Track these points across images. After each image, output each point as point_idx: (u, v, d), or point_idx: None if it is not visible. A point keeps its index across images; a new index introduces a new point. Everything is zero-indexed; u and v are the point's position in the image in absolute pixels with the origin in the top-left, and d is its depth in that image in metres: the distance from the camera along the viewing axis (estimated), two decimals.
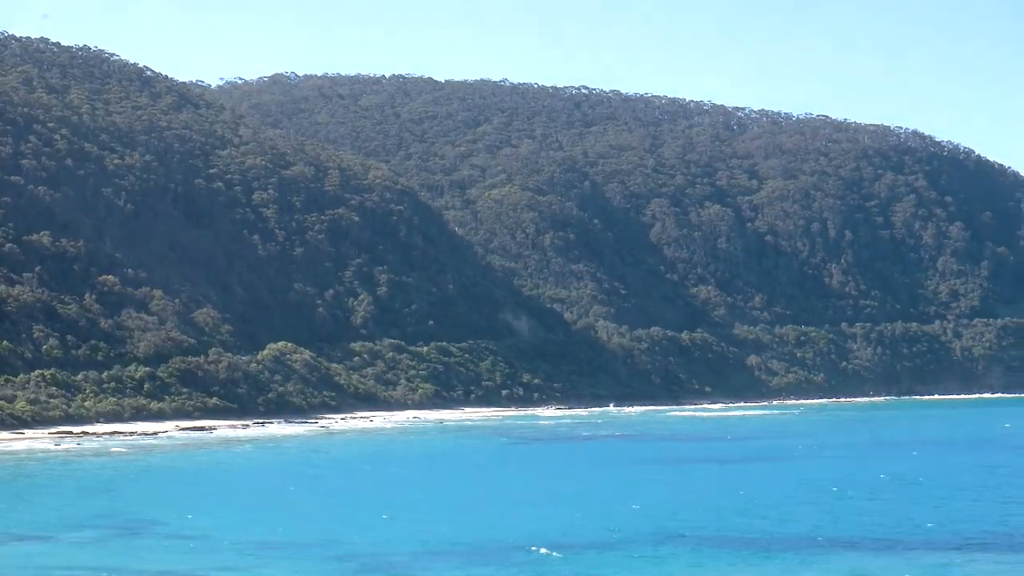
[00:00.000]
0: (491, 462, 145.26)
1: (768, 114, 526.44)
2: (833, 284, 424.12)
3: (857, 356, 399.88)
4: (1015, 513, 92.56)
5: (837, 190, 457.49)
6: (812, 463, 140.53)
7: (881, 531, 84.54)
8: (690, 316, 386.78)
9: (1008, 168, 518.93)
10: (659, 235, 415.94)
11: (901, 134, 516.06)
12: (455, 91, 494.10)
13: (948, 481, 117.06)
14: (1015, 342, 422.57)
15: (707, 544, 79.64)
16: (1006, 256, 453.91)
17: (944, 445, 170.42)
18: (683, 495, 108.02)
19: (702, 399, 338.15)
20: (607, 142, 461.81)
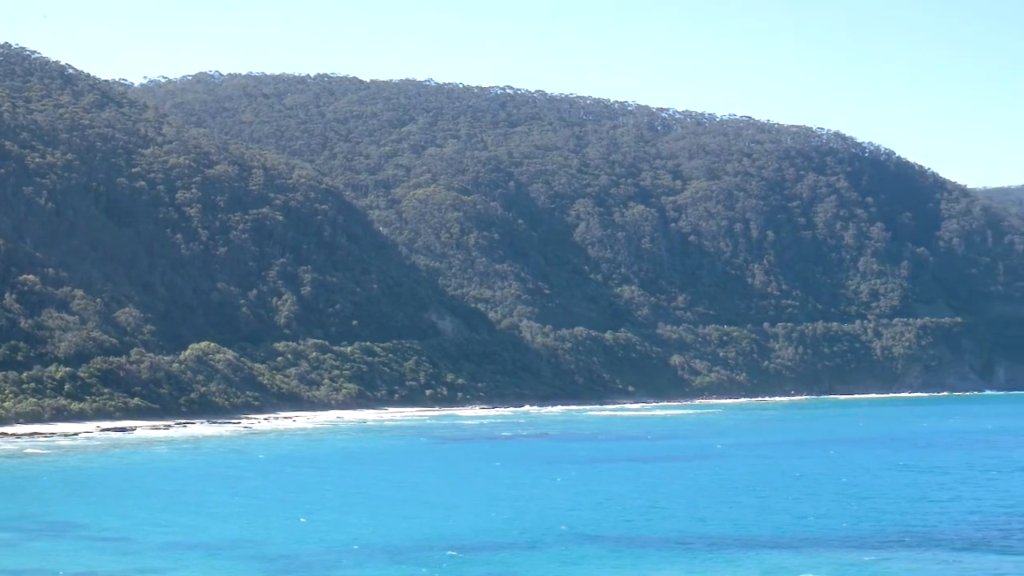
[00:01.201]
0: (411, 462, 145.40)
1: (692, 115, 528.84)
2: (755, 284, 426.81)
3: (779, 356, 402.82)
4: (930, 511, 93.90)
5: (760, 191, 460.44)
6: (731, 462, 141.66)
7: (799, 529, 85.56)
8: (614, 316, 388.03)
9: (928, 169, 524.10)
10: (583, 235, 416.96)
11: (823, 135, 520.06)
12: (380, 91, 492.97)
13: (865, 480, 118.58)
14: (934, 342, 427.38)
15: (622, 543, 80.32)
16: (925, 256, 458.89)
17: (862, 444, 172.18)
18: (600, 495, 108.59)
19: (626, 399, 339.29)
20: (532, 142, 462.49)
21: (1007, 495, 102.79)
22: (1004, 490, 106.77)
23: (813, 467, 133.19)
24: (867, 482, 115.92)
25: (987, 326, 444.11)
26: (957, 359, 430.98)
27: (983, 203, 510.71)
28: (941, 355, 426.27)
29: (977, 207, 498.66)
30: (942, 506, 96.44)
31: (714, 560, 74.01)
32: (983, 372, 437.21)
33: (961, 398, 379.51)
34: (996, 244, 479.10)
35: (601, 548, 78.57)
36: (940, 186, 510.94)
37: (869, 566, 71.26)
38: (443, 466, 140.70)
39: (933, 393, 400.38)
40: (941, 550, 76.03)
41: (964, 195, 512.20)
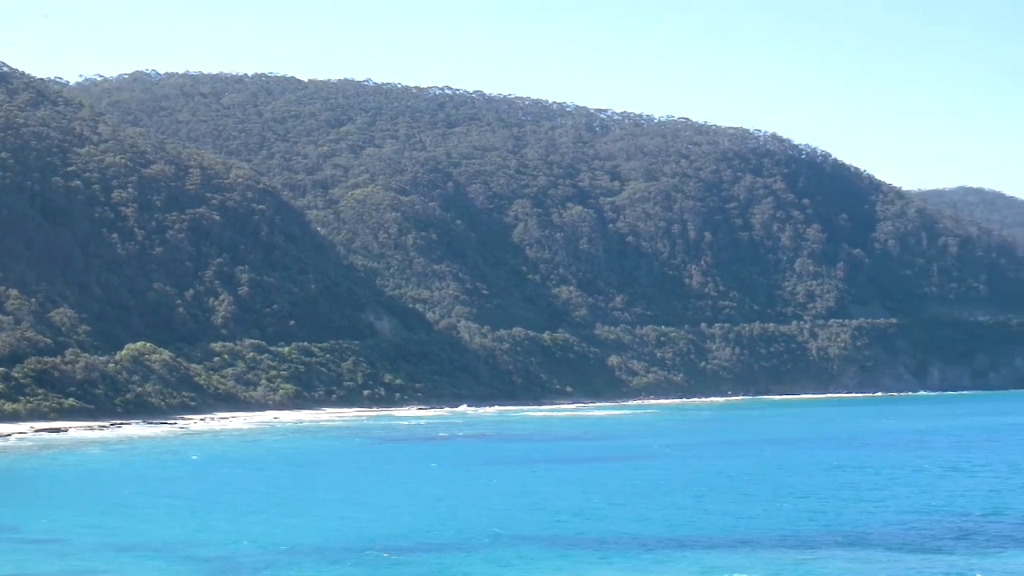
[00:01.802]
0: (346, 463, 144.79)
1: (630, 116, 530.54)
2: (693, 285, 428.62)
3: (716, 356, 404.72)
4: (864, 511, 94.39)
5: (697, 192, 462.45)
6: (667, 462, 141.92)
7: (734, 529, 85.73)
8: (551, 316, 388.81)
9: (863, 171, 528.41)
10: (521, 236, 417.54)
11: (760, 137, 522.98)
12: (318, 90, 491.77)
13: (800, 480, 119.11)
14: (869, 343, 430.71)
15: (558, 544, 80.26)
16: (861, 258, 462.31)
17: (798, 444, 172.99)
18: (535, 495, 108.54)
19: (563, 399, 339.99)
20: (470, 143, 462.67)
21: (940, 495, 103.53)
22: (936, 490, 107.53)
23: (749, 467, 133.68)
24: (802, 482, 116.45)
25: (921, 327, 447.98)
26: (892, 360, 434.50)
27: (918, 205, 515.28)
28: (876, 356, 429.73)
29: (912, 209, 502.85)
30: (876, 506, 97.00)
31: (650, 560, 74.06)
32: (917, 373, 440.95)
33: (896, 399, 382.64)
34: (930, 246, 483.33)
35: (537, 549, 78.47)
36: (876, 188, 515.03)
37: (805, 566, 71.53)
38: (378, 467, 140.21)
39: (868, 394, 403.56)
40: (876, 550, 76.44)
41: (899, 197, 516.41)
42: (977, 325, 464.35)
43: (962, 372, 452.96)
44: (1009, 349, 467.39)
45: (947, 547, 76.92)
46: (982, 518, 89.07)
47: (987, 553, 74.52)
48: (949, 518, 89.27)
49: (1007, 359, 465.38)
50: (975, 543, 78.22)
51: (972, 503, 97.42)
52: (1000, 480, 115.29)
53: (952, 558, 73.11)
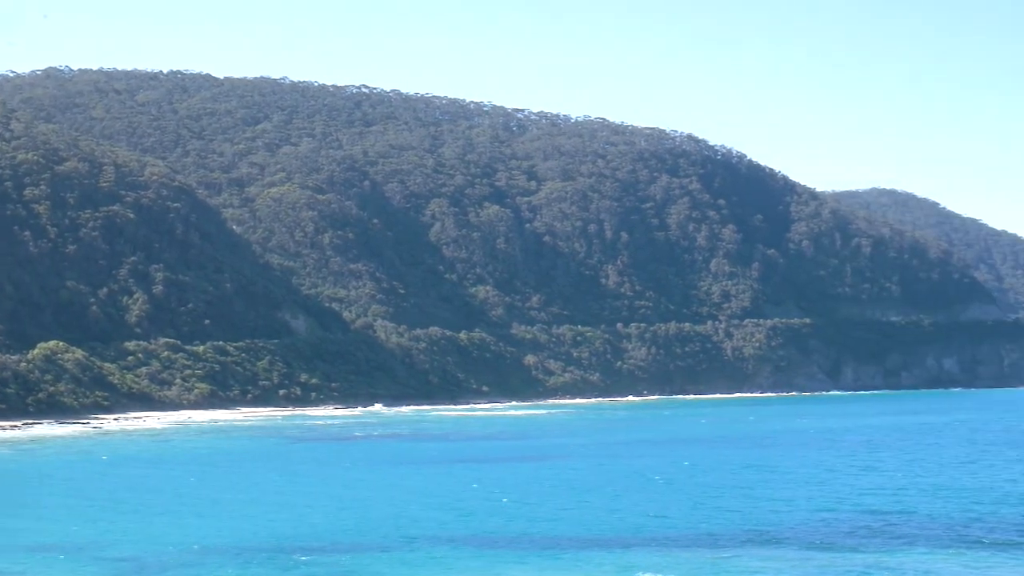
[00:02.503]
0: (259, 463, 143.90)
1: (547, 116, 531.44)
2: (609, 285, 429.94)
3: (632, 356, 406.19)
4: (778, 509, 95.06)
5: (614, 192, 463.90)
6: (583, 462, 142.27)
7: (650, 528, 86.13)
8: (468, 316, 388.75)
9: (778, 172, 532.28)
10: (438, 235, 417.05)
11: (676, 138, 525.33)
12: (234, 88, 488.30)
13: (715, 479, 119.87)
14: (783, 343, 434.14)
15: (474, 544, 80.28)
16: (776, 258, 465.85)
17: (712, 443, 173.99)
18: (451, 495, 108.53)
19: (480, 399, 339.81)
20: (387, 141, 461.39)
21: (851, 494, 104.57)
22: (848, 489, 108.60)
23: (664, 466, 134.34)
24: (716, 481, 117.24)
25: (835, 327, 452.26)
26: (806, 360, 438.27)
27: (832, 206, 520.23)
28: (790, 356, 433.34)
29: (826, 210, 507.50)
30: (789, 504, 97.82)
31: (566, 560, 74.28)
32: (831, 372, 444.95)
33: (809, 398, 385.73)
34: (844, 246, 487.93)
35: (451, 549, 78.52)
36: (790, 189, 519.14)
37: (720, 564, 72.03)
38: (291, 467, 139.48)
39: (782, 393, 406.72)
40: (789, 548, 77.09)
41: (813, 198, 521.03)
42: (889, 325, 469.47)
43: (875, 372, 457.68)
44: (921, 349, 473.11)
45: (858, 545, 77.75)
46: (892, 516, 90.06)
47: (896, 551, 75.38)
48: (860, 516, 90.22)
49: (919, 359, 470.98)
50: (885, 541, 79.12)
51: (882, 502, 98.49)
52: (910, 479, 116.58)
53: (862, 556, 73.91)
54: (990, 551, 74.40)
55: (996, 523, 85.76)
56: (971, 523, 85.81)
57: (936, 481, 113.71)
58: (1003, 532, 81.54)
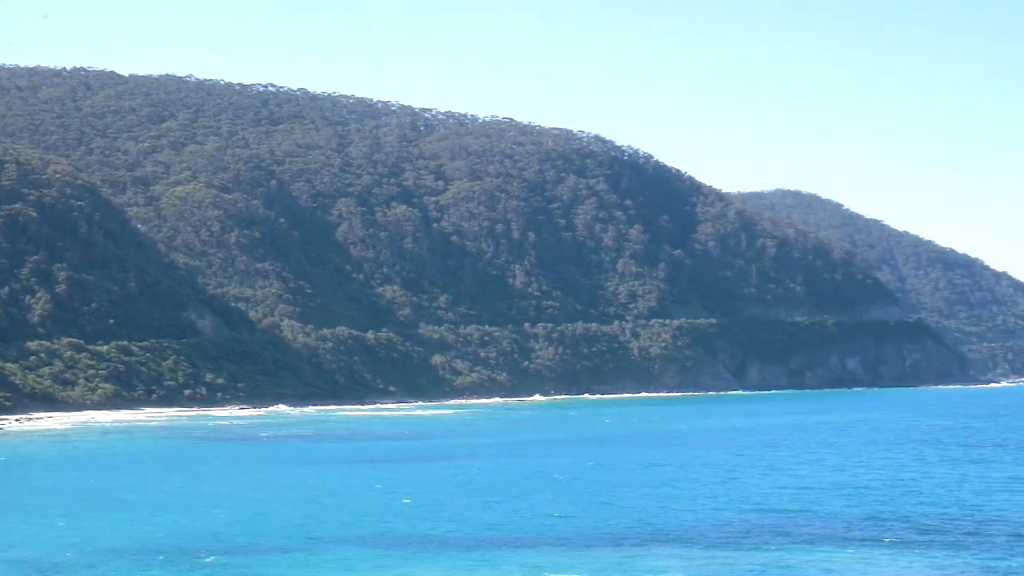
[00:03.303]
0: (159, 464, 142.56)
1: (454, 116, 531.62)
2: (516, 285, 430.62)
3: (539, 356, 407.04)
4: (685, 508, 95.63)
5: (521, 192, 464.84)
6: (490, 461, 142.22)
7: (557, 528, 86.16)
8: (375, 316, 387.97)
9: (684, 173, 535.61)
10: (345, 234, 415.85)
11: (583, 138, 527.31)
12: (139, 85, 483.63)
13: (621, 478, 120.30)
14: (689, 342, 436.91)
15: (380, 544, 80.00)
16: (682, 259, 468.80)
17: (619, 443, 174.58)
18: (357, 495, 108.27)
19: (387, 398, 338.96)
20: (294, 140, 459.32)
21: (755, 492, 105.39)
22: (752, 487, 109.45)
23: (569, 466, 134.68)
24: (622, 480, 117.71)
25: (740, 327, 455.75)
26: (711, 359, 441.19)
27: (737, 207, 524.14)
28: (696, 355, 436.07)
29: (732, 211, 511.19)
30: (695, 503, 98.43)
31: (472, 560, 74.21)
32: (736, 372, 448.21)
33: (715, 397, 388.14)
34: (749, 247, 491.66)
35: (359, 549, 78.29)
36: (696, 190, 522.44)
37: (627, 564, 72.27)
38: (195, 468, 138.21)
39: (688, 393, 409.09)
40: (695, 547, 77.52)
41: (719, 199, 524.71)
42: (794, 325, 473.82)
43: (779, 371, 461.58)
44: (825, 349, 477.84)
45: (762, 543, 78.36)
46: (795, 515, 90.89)
47: (799, 549, 76.08)
48: (764, 515, 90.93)
49: (822, 359, 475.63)
50: (788, 539, 79.82)
51: (786, 501, 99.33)
52: (813, 478, 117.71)
53: (766, 554, 74.52)
54: (892, 549, 75.32)
55: (897, 521, 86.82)
56: (873, 521, 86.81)
57: (838, 480, 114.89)
58: (904, 531, 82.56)
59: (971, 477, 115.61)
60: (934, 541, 77.78)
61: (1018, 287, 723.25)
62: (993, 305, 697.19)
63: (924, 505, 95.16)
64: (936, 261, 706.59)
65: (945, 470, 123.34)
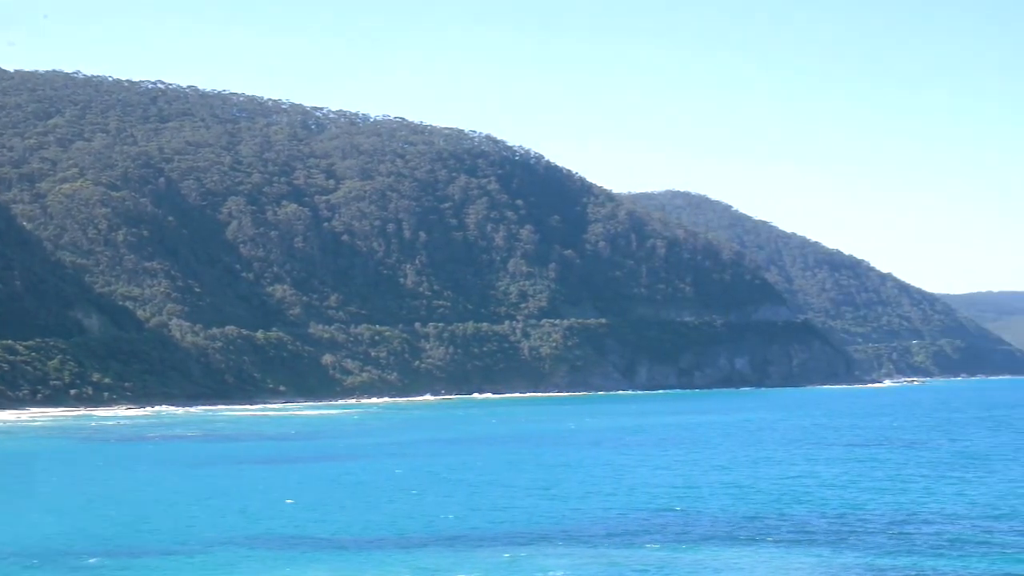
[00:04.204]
0: (44, 464, 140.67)
1: (346, 115, 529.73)
2: (407, 284, 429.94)
3: (430, 355, 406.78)
4: (574, 507, 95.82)
5: (412, 191, 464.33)
6: (380, 461, 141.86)
7: (449, 527, 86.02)
8: (265, 315, 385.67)
9: (575, 174, 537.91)
10: (235, 233, 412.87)
11: (475, 138, 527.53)
12: (24, 81, 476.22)
13: (513, 477, 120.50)
14: (580, 342, 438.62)
15: (272, 545, 79.34)
16: (573, 259, 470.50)
17: (509, 442, 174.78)
18: (247, 496, 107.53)
19: (276, 398, 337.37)
20: (183, 138, 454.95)
21: (644, 491, 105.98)
22: (642, 486, 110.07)
23: (458, 465, 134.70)
24: (512, 480, 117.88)
25: (630, 327, 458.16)
26: (601, 359, 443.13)
27: (628, 207, 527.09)
28: (586, 355, 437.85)
29: (622, 211, 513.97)
30: (584, 502, 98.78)
31: (361, 561, 73.86)
32: (626, 372, 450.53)
33: (605, 397, 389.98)
34: (639, 247, 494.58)
35: (243, 551, 77.54)
36: (587, 190, 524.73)
37: (516, 563, 72.32)
38: (79, 469, 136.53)
39: (578, 392, 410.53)
40: (585, 545, 77.73)
41: (610, 199, 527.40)
42: (683, 325, 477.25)
43: (669, 371, 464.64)
44: (713, 349, 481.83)
45: (651, 541, 78.80)
46: (684, 514, 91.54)
47: (688, 547, 76.61)
48: (653, 514, 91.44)
49: (711, 359, 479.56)
50: (677, 538, 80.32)
51: (675, 500, 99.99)
52: (701, 477, 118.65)
53: (656, 553, 74.93)
54: (778, 548, 76.04)
55: (783, 520, 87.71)
56: (759, 520, 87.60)
57: (726, 479, 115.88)
58: (790, 529, 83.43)
59: (855, 476, 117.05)
60: (819, 539, 78.66)
61: (903, 288, 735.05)
62: (878, 306, 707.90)
63: (809, 504, 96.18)
64: (823, 262, 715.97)
65: (830, 469, 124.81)
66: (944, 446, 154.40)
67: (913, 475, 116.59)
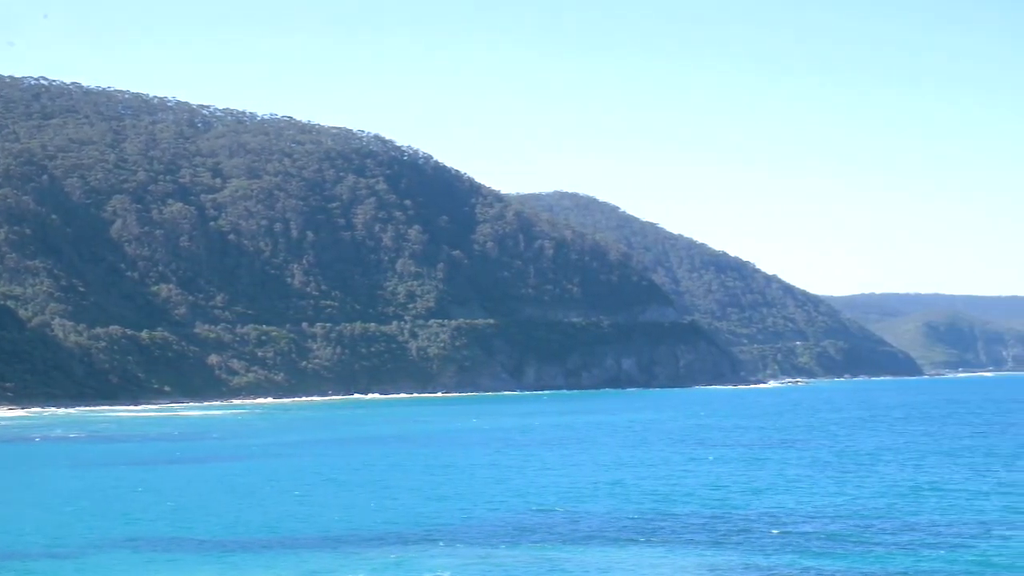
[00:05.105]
0: None
1: (232, 113, 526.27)
2: (295, 284, 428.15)
3: (317, 356, 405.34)
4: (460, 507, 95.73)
5: (300, 191, 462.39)
6: (267, 462, 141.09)
7: (337, 529, 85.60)
8: (150, 315, 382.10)
9: (464, 174, 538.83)
10: (120, 232, 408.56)
11: (363, 138, 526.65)
12: None
13: (400, 478, 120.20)
14: (468, 343, 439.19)
15: (156, 547, 78.47)
16: (461, 259, 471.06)
17: (397, 442, 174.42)
18: (130, 498, 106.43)
19: (162, 399, 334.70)
20: (67, 135, 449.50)
21: (532, 492, 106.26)
22: (529, 487, 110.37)
23: (347, 466, 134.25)
24: (398, 481, 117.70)
25: (518, 328, 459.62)
26: (489, 360, 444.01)
27: (516, 208, 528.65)
28: (474, 356, 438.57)
29: (510, 212, 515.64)
30: (473, 503, 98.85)
31: (251, 562, 73.25)
32: (514, 372, 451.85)
33: (492, 397, 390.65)
34: (527, 248, 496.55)
35: (132, 553, 76.67)
36: (476, 191, 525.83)
37: (404, 563, 72.17)
38: None
39: (466, 393, 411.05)
40: (473, 546, 77.67)
41: (498, 200, 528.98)
42: (571, 326, 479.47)
43: (556, 372, 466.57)
44: (601, 350, 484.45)
45: (539, 541, 78.98)
46: (571, 514, 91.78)
47: (576, 548, 76.82)
48: (540, 514, 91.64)
49: (598, 359, 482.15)
50: (563, 538, 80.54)
51: (562, 500, 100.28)
52: (587, 477, 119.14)
53: (543, 552, 75.06)
54: (663, 547, 76.43)
55: (668, 520, 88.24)
56: (644, 520, 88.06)
57: (612, 479, 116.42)
58: (675, 529, 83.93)
59: (739, 476, 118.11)
60: (702, 539, 79.18)
61: (788, 290, 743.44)
62: (763, 307, 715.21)
63: (693, 503, 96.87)
64: (709, 264, 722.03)
65: (714, 469, 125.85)
66: (826, 446, 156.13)
67: (795, 475, 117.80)
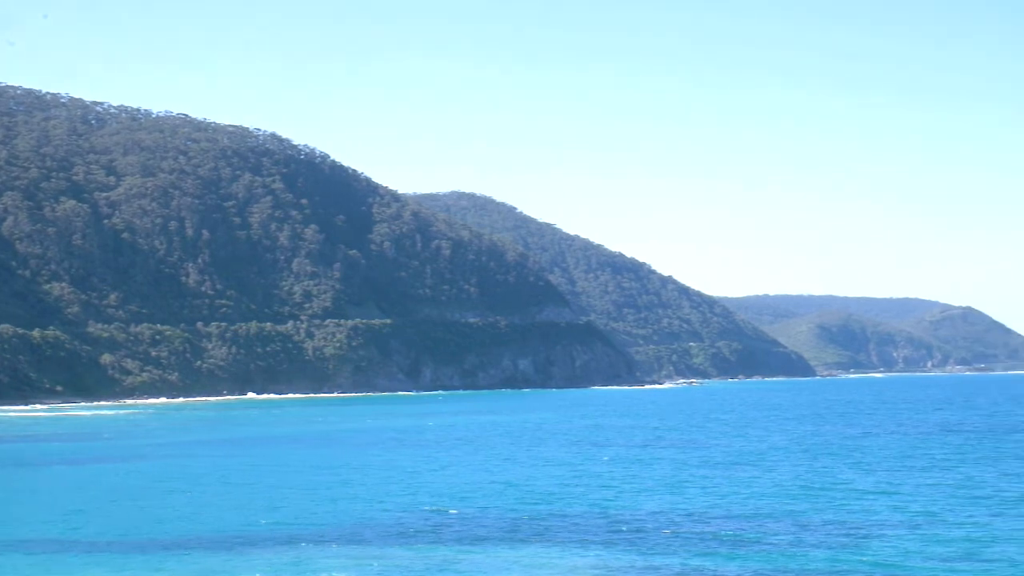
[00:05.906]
0: None
1: (127, 110, 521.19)
2: (190, 283, 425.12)
3: (212, 355, 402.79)
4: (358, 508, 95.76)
5: (196, 189, 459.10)
6: (159, 463, 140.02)
7: (232, 529, 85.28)
8: (42, 313, 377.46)
9: (361, 174, 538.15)
10: (11, 229, 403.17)
11: (260, 136, 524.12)
12: None
13: (296, 479, 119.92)
14: (364, 343, 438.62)
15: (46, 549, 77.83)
16: (358, 259, 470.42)
17: (291, 443, 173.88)
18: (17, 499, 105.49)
19: (53, 398, 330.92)
20: None
21: (426, 492, 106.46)
22: (423, 487, 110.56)
23: (239, 467, 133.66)
24: (294, 481, 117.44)
25: (415, 328, 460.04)
26: (386, 360, 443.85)
27: (413, 208, 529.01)
28: (371, 356, 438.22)
29: (408, 212, 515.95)
30: (368, 503, 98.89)
31: (144, 563, 72.80)
32: (410, 372, 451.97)
33: (389, 398, 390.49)
34: (424, 248, 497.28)
35: (18, 555, 75.95)
36: (373, 190, 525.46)
37: (301, 564, 72.09)
38: None
39: (363, 393, 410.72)
40: (370, 546, 77.73)
41: (395, 200, 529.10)
42: (467, 326, 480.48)
43: (453, 372, 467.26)
44: (497, 350, 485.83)
45: (434, 542, 79.25)
46: (466, 514, 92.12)
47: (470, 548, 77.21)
48: (436, 515, 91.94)
49: (495, 359, 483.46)
50: (459, 538, 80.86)
51: (457, 501, 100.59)
52: (484, 477, 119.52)
53: (440, 551, 75.39)
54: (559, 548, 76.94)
55: (563, 520, 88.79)
56: (540, 521, 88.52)
57: (506, 479, 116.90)
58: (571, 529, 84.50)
59: (633, 476, 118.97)
60: (596, 539, 79.81)
61: (683, 291, 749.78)
62: (659, 308, 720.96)
63: (587, 503, 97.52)
64: (606, 265, 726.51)
65: (608, 469, 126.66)
66: (719, 446, 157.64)
67: (688, 475, 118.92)
